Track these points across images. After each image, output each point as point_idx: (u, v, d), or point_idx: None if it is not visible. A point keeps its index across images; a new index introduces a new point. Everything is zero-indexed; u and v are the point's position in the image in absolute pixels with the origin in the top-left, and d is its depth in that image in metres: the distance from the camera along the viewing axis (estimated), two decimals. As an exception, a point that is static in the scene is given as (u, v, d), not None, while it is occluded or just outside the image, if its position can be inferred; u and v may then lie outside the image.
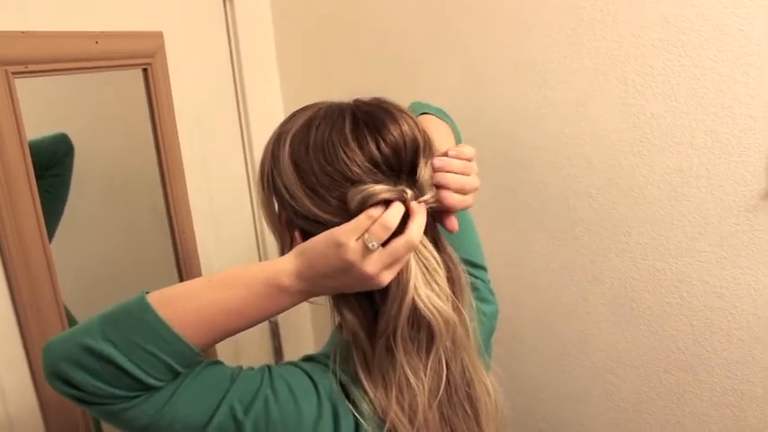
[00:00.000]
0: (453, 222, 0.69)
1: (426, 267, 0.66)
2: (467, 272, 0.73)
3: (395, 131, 0.64)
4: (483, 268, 0.90)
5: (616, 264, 1.14)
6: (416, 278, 0.64)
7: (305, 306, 1.12)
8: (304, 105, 0.73)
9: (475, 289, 0.81)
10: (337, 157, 0.63)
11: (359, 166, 0.63)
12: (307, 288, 0.64)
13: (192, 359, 0.62)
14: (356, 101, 0.69)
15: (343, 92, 0.73)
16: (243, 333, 0.65)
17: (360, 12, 1.26)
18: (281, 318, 1.42)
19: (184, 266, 1.13)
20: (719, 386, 1.11)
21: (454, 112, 1.01)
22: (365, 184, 0.63)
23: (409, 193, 0.63)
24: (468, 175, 0.70)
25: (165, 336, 0.60)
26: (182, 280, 1.14)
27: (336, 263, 0.61)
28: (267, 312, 0.64)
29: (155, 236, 1.13)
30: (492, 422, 0.75)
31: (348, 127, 0.65)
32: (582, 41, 1.06)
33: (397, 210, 0.61)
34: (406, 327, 0.66)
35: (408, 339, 0.66)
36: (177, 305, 0.61)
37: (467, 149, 0.71)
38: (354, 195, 0.62)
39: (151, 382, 0.60)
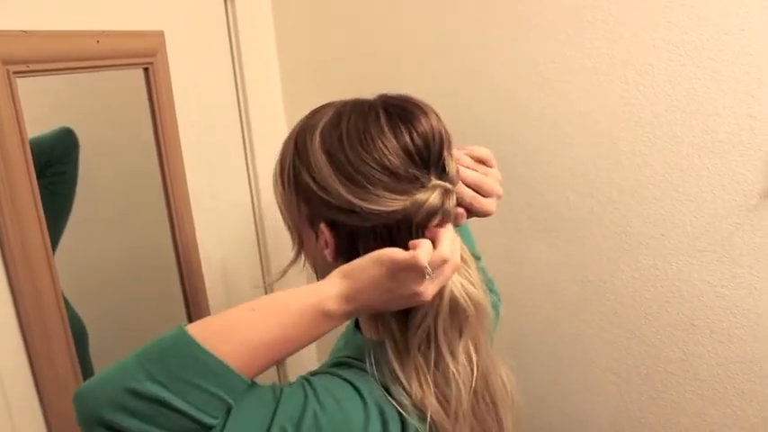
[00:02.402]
0: (463, 218, 0.72)
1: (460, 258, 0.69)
2: None
3: (426, 124, 0.66)
4: (480, 258, 0.91)
5: (617, 263, 1.14)
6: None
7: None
8: (318, 105, 0.74)
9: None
10: (375, 146, 0.64)
11: (395, 155, 0.64)
12: (352, 310, 0.64)
13: (242, 392, 0.60)
14: (382, 96, 0.71)
15: (344, 90, 0.73)
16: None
17: (360, 11, 1.26)
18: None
19: (184, 262, 1.13)
20: (720, 385, 1.11)
21: (457, 111, 1.01)
22: (401, 179, 0.65)
23: (451, 187, 0.67)
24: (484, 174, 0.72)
25: (218, 370, 0.57)
26: (182, 276, 1.13)
27: (388, 284, 0.62)
28: (313, 338, 0.64)
29: (155, 234, 1.13)
30: (509, 412, 0.76)
31: (383, 118, 0.66)
32: (583, 41, 1.06)
33: (449, 241, 0.65)
34: (447, 316, 0.68)
35: (449, 328, 0.68)
36: (223, 338, 0.59)
37: (479, 149, 0.74)
38: (417, 209, 0.64)
39: (208, 420, 0.57)
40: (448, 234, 0.66)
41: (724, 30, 0.96)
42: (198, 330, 0.59)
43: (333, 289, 0.63)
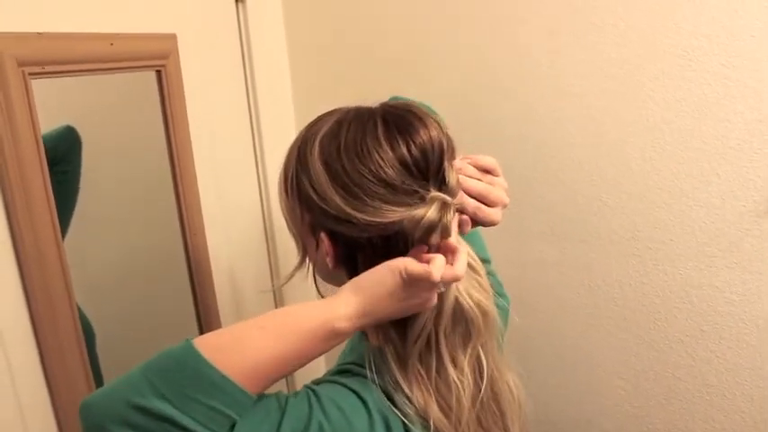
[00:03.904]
0: (467, 225, 0.72)
1: (469, 266, 0.69)
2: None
3: (424, 135, 0.65)
4: (489, 261, 0.90)
5: (626, 268, 1.14)
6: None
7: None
8: (327, 107, 0.74)
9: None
10: (371, 158, 0.64)
11: (391, 167, 0.64)
12: (363, 325, 0.64)
13: (247, 407, 0.60)
14: (384, 104, 0.70)
15: (354, 92, 0.73)
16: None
17: (371, 13, 1.27)
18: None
19: (194, 265, 1.14)
20: (729, 391, 1.11)
21: (464, 114, 1.02)
22: (398, 191, 0.64)
23: (449, 200, 0.65)
24: (489, 184, 0.71)
25: (223, 387, 0.58)
26: (192, 280, 1.14)
27: (401, 294, 0.63)
28: (321, 354, 0.64)
29: (166, 236, 1.14)
30: (516, 420, 0.75)
31: (380, 129, 0.66)
32: (592, 45, 1.06)
33: (464, 261, 0.64)
34: (449, 322, 0.68)
35: (451, 334, 0.68)
36: (230, 354, 0.59)
37: (484, 159, 0.72)
38: (414, 226, 0.63)
39: None
40: (464, 254, 0.65)
41: (734, 35, 0.96)
42: (205, 346, 0.59)
43: (345, 307, 0.63)
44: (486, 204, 0.71)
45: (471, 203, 0.70)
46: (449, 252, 0.65)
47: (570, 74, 1.09)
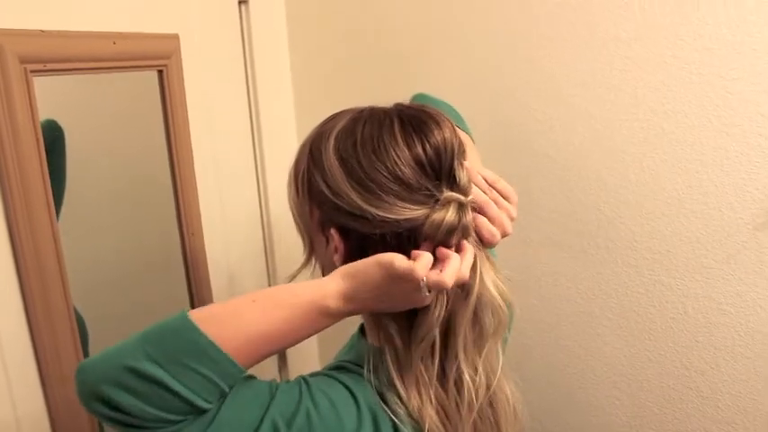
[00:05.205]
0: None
1: (487, 258, 0.70)
2: None
3: (438, 135, 0.66)
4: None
5: (623, 278, 1.14)
6: (486, 269, 0.69)
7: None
8: (329, 110, 0.74)
9: None
10: (388, 155, 0.64)
11: (407, 165, 0.64)
12: (351, 309, 0.64)
13: (237, 379, 0.62)
14: (398, 104, 0.71)
15: (356, 95, 0.74)
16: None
17: (374, 16, 1.27)
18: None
19: (192, 267, 1.13)
20: (723, 403, 1.11)
21: (468, 122, 1.02)
22: (413, 190, 0.65)
23: (464, 200, 0.65)
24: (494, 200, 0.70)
25: (213, 356, 0.59)
26: (189, 281, 1.14)
27: (387, 288, 0.63)
28: (310, 333, 0.64)
29: (164, 237, 1.14)
30: (511, 429, 0.75)
31: (397, 127, 0.66)
32: (594, 55, 1.07)
33: (455, 266, 0.63)
34: (468, 320, 0.68)
35: (466, 335, 0.69)
36: (222, 325, 0.60)
37: (491, 173, 0.71)
38: (435, 229, 0.63)
39: (201, 404, 0.59)
40: (455, 261, 0.64)
41: (736, 49, 0.96)
42: (199, 316, 0.60)
43: (334, 287, 0.63)
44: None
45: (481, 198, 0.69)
46: (442, 258, 0.64)
47: (571, 83, 1.10)
